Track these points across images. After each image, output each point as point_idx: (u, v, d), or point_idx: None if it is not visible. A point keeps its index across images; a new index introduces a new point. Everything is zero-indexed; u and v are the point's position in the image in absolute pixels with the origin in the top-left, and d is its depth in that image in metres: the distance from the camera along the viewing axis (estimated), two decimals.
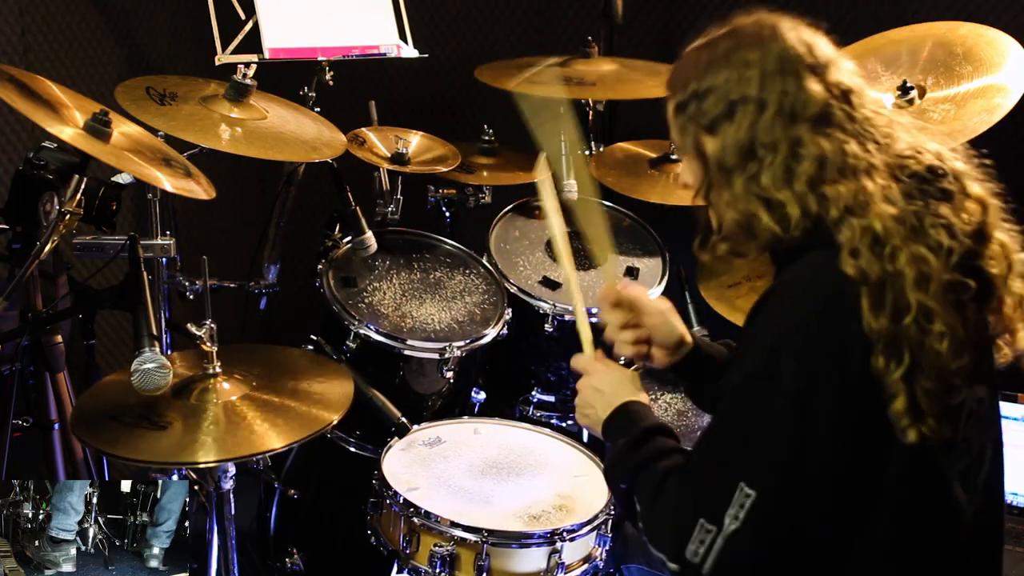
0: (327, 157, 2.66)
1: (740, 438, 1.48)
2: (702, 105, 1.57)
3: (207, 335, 2.16)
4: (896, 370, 1.43)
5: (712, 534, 1.47)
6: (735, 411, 1.52)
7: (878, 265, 1.45)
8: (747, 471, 1.46)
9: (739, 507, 1.46)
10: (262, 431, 2.07)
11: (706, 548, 1.47)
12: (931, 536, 1.54)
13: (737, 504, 1.46)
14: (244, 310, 3.25)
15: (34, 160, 2.24)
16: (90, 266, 2.88)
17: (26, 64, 3.11)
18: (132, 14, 3.46)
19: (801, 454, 1.45)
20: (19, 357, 2.34)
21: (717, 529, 1.47)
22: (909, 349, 1.43)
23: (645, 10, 3.70)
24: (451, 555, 2.20)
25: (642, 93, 3.08)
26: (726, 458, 1.50)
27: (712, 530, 1.47)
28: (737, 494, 1.46)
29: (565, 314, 2.89)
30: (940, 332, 1.45)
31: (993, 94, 2.60)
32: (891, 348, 1.43)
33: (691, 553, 1.48)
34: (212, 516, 2.29)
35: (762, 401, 1.47)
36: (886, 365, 1.43)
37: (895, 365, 1.43)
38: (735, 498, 1.46)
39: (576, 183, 3.17)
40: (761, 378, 1.48)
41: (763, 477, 1.46)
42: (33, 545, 2.01)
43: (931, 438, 1.45)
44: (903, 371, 1.43)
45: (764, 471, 1.46)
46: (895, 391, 1.43)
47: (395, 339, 2.68)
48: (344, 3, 3.11)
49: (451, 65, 3.72)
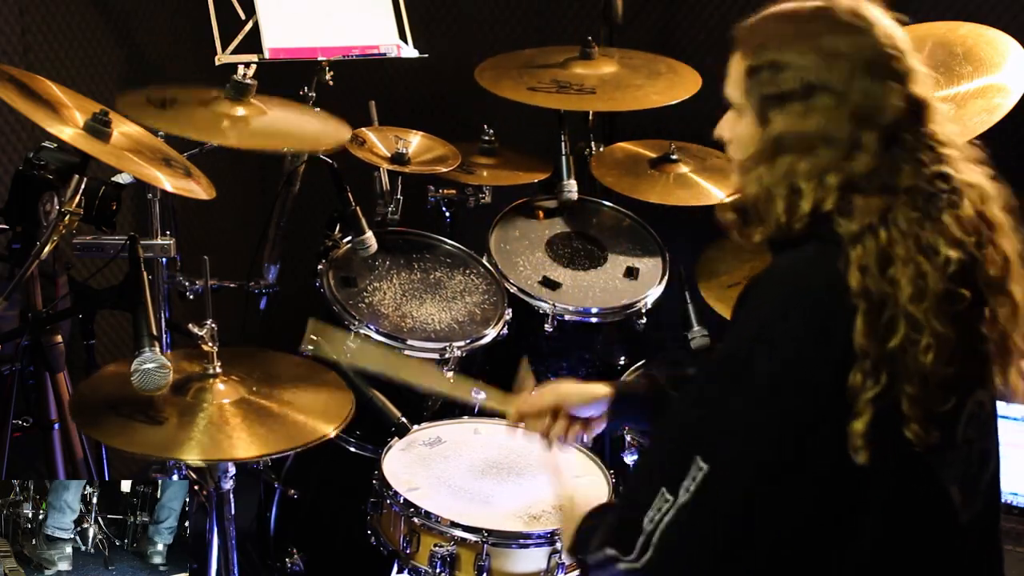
0: (331, 147, 2.65)
1: (703, 411, 1.48)
2: (777, 77, 1.51)
3: (208, 335, 2.16)
4: (870, 390, 1.41)
5: (669, 504, 1.46)
6: (705, 386, 1.52)
7: (881, 284, 1.43)
8: (703, 445, 1.46)
9: (691, 480, 1.45)
10: (250, 436, 2.07)
11: (660, 516, 1.46)
12: (924, 540, 1.52)
13: (691, 477, 1.45)
14: (244, 310, 3.25)
15: (34, 160, 2.24)
16: (90, 266, 2.87)
17: (26, 64, 3.11)
18: (132, 14, 3.46)
19: (760, 438, 1.44)
20: (19, 357, 2.34)
21: (673, 499, 1.46)
22: (889, 370, 1.42)
23: (645, 10, 3.70)
24: (451, 555, 2.20)
25: (643, 103, 3.07)
26: (688, 429, 1.50)
27: (669, 500, 1.46)
28: (692, 466, 1.45)
29: (565, 314, 2.89)
30: (927, 344, 1.43)
31: (993, 94, 2.60)
32: (873, 369, 1.42)
33: (648, 520, 1.47)
34: (212, 516, 2.29)
35: (732, 382, 1.46)
36: (862, 383, 1.42)
37: (871, 384, 1.41)
38: (690, 471, 1.45)
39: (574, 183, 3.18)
40: (736, 359, 1.47)
41: (717, 453, 1.45)
42: (30, 544, 2.01)
43: (917, 443, 1.43)
44: (875, 392, 1.41)
45: (719, 448, 1.45)
46: (860, 410, 1.41)
47: (395, 339, 2.68)
48: (344, 3, 3.11)
49: (451, 65, 3.71)
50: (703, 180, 3.12)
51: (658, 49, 3.40)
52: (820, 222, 1.49)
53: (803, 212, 1.49)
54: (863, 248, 1.44)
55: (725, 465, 1.44)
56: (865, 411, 1.41)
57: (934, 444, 1.45)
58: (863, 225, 1.46)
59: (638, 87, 3.14)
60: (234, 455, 2.06)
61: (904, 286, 1.43)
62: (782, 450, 1.44)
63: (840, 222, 1.47)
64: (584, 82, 3.16)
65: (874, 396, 1.41)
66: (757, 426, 1.44)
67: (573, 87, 3.14)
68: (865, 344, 1.42)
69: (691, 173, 3.14)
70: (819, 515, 1.48)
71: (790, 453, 1.44)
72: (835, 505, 1.48)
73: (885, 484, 1.46)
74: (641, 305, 2.96)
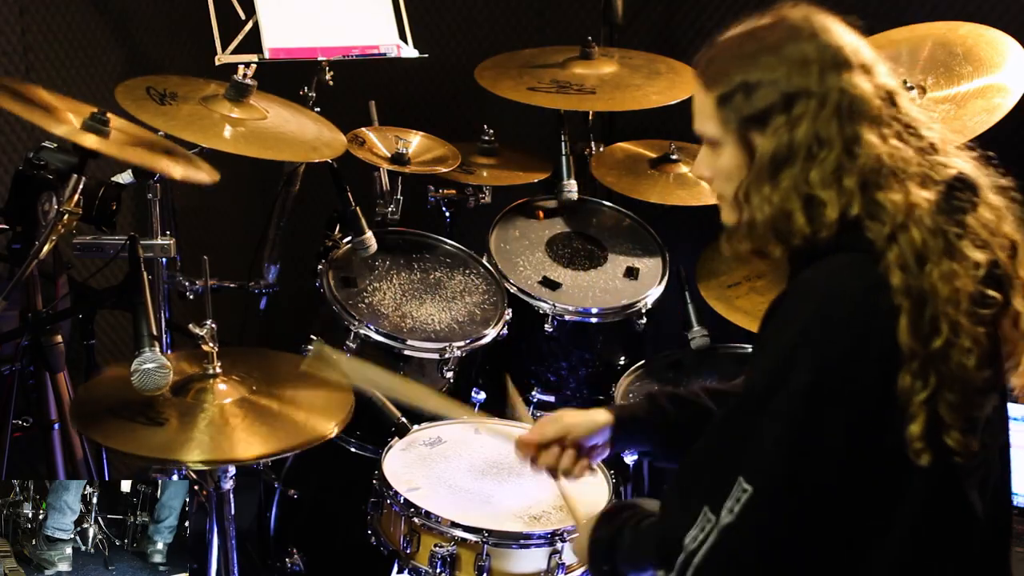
0: (327, 157, 2.66)
1: (744, 432, 1.46)
2: (751, 97, 1.50)
3: (208, 335, 2.16)
4: (921, 392, 1.41)
5: (711, 524, 1.45)
6: (744, 404, 1.50)
7: (921, 281, 1.43)
8: (746, 466, 1.44)
9: (735, 501, 1.43)
10: (250, 438, 2.07)
11: (703, 537, 1.46)
12: (949, 545, 1.52)
13: (734, 498, 1.44)
14: (244, 310, 3.25)
15: (34, 160, 2.24)
16: (90, 266, 2.87)
17: (26, 64, 3.12)
18: (132, 14, 3.46)
19: (803, 457, 1.43)
20: (19, 357, 2.34)
21: (716, 519, 1.45)
22: (936, 371, 1.41)
23: (645, 10, 3.70)
24: (451, 555, 2.20)
25: (642, 103, 3.07)
26: (728, 450, 1.48)
27: (712, 520, 1.45)
28: (735, 488, 1.44)
29: (565, 314, 2.89)
30: (967, 348, 1.43)
31: (993, 94, 2.60)
32: (921, 369, 1.41)
33: (690, 539, 1.47)
34: (212, 516, 2.28)
35: (771, 398, 1.44)
36: (912, 385, 1.41)
37: (920, 386, 1.41)
38: (733, 491, 1.44)
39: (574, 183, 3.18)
40: (774, 374, 1.45)
41: (760, 474, 1.43)
42: (30, 544, 2.01)
43: (958, 451, 1.43)
44: (927, 394, 1.41)
45: (762, 468, 1.44)
46: (915, 413, 1.41)
47: (395, 339, 2.68)
48: (344, 3, 3.11)
49: (451, 65, 3.72)
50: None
51: (658, 49, 3.40)
52: (849, 229, 1.47)
53: (831, 220, 1.47)
54: (899, 247, 1.44)
55: (769, 486, 1.43)
56: (919, 413, 1.41)
57: (970, 452, 1.44)
58: (895, 224, 1.45)
59: (638, 87, 3.14)
60: (235, 456, 2.05)
61: (941, 287, 1.43)
62: (826, 464, 1.43)
63: (871, 226, 1.46)
64: (584, 82, 3.16)
65: (926, 398, 1.41)
66: (800, 444, 1.42)
67: (573, 87, 3.14)
68: (911, 343, 1.41)
69: (691, 173, 3.14)
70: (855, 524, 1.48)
71: (834, 466, 1.44)
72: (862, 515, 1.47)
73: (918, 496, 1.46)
74: (641, 305, 2.96)
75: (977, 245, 1.48)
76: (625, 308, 2.95)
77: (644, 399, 1.90)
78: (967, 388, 1.43)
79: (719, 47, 1.58)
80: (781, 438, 1.43)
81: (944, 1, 3.19)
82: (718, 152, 1.57)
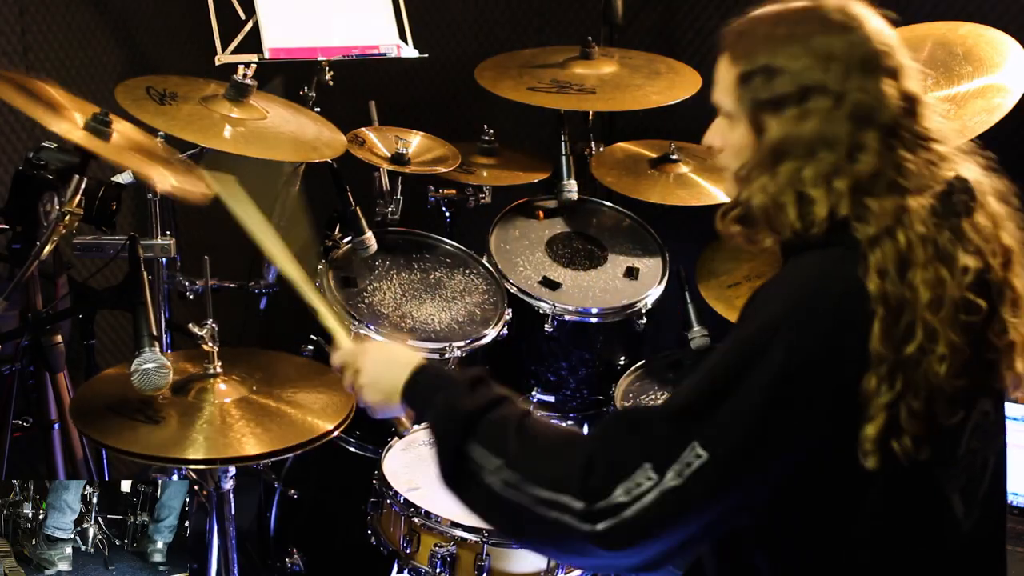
0: (327, 157, 2.66)
1: (710, 398, 1.42)
2: (772, 82, 1.48)
3: (208, 335, 2.16)
4: (884, 395, 1.40)
5: (652, 482, 1.39)
6: (715, 371, 1.45)
7: (900, 288, 1.42)
8: (705, 432, 1.40)
9: (685, 465, 1.39)
10: (253, 435, 2.07)
11: (639, 492, 1.39)
12: (925, 552, 1.51)
13: (684, 462, 1.39)
14: (244, 310, 3.25)
15: (34, 160, 2.24)
16: (90, 266, 2.88)
17: (26, 64, 3.12)
18: (132, 14, 3.46)
19: (765, 436, 1.40)
20: (19, 357, 2.34)
21: (658, 479, 1.39)
22: (904, 376, 1.40)
23: (645, 10, 3.70)
24: (451, 555, 2.20)
25: (642, 103, 3.07)
26: (691, 413, 1.43)
27: (654, 478, 1.39)
28: (687, 451, 1.39)
29: (565, 314, 2.89)
30: (941, 355, 1.42)
31: (993, 94, 2.60)
32: (889, 374, 1.40)
33: (622, 490, 1.40)
34: (212, 516, 2.29)
35: (744, 369, 1.41)
36: (876, 388, 1.40)
37: (886, 390, 1.40)
38: (684, 455, 1.39)
39: (574, 183, 3.18)
40: (750, 347, 1.43)
41: (719, 444, 1.39)
42: (30, 544, 2.01)
43: (902, 456, 1.41)
44: (890, 398, 1.40)
45: (723, 439, 1.40)
46: (873, 415, 1.40)
47: (395, 339, 2.68)
48: (344, 3, 3.11)
49: (451, 65, 3.72)
50: (703, 180, 3.12)
51: (658, 49, 3.40)
52: (838, 228, 1.47)
53: (820, 218, 1.46)
54: (882, 252, 1.43)
55: (727, 456, 1.39)
56: (878, 416, 1.40)
57: (929, 457, 1.43)
58: (880, 228, 1.44)
59: (638, 87, 3.14)
60: (239, 455, 2.05)
61: (923, 292, 1.42)
62: (786, 448, 1.42)
63: (858, 227, 1.45)
64: (584, 82, 3.16)
65: (889, 402, 1.40)
66: (766, 420, 1.40)
67: (573, 87, 3.14)
68: (882, 349, 1.40)
69: (691, 173, 3.14)
70: (816, 518, 1.47)
71: (794, 452, 1.42)
72: (833, 508, 1.46)
73: (882, 492, 1.45)
74: (641, 305, 2.96)
75: (968, 251, 1.47)
76: (625, 308, 2.95)
77: (469, 377, 1.63)
78: (933, 396, 1.42)
79: (751, 22, 1.55)
80: (747, 413, 1.40)
81: (944, 1, 3.19)
82: (732, 126, 1.56)
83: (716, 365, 1.45)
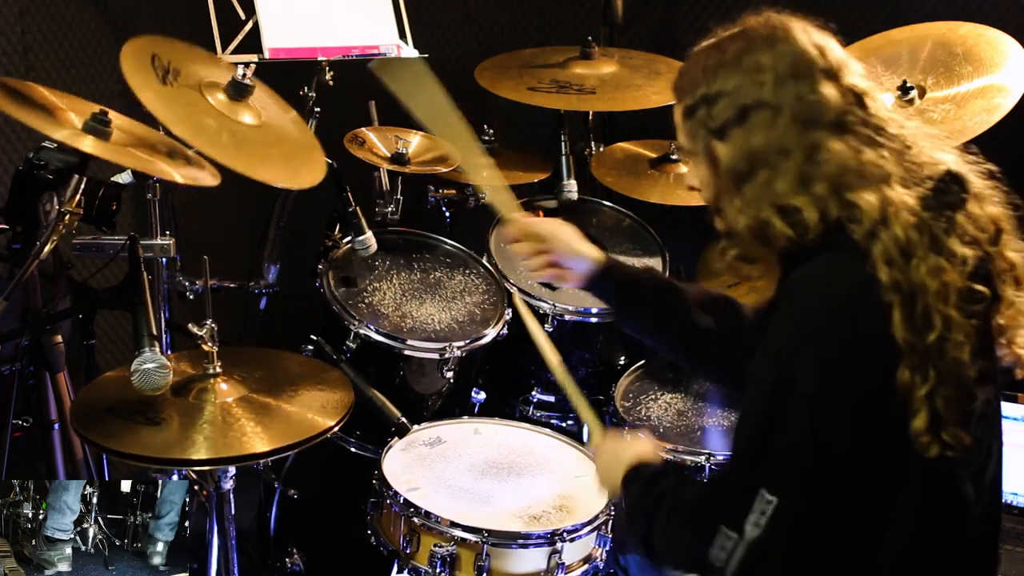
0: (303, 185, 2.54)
1: (759, 444, 1.47)
2: (712, 110, 1.53)
3: (208, 335, 2.16)
4: (922, 386, 1.42)
5: (733, 541, 1.46)
6: (753, 417, 1.50)
7: (908, 275, 1.43)
8: (767, 477, 1.45)
9: (760, 514, 1.44)
10: (254, 434, 2.06)
11: (727, 554, 1.47)
12: (945, 537, 1.54)
13: (758, 511, 1.45)
14: (244, 310, 3.25)
15: (34, 160, 2.24)
16: (90, 266, 2.87)
17: (26, 64, 3.11)
18: (132, 14, 3.46)
19: (819, 458, 1.44)
20: (19, 357, 2.34)
21: (738, 536, 1.46)
22: (934, 365, 1.42)
23: (645, 10, 3.70)
24: (451, 555, 2.20)
25: (642, 103, 3.07)
26: (746, 464, 1.49)
27: (733, 537, 1.46)
28: (758, 501, 1.45)
29: (565, 314, 2.89)
30: (960, 342, 1.44)
31: (993, 94, 2.60)
32: (920, 364, 1.42)
33: (715, 559, 1.48)
34: (212, 516, 2.28)
35: (779, 406, 1.45)
36: (911, 380, 1.42)
37: (921, 381, 1.42)
38: (756, 504, 1.45)
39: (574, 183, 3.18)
40: (778, 382, 1.46)
41: (783, 482, 1.44)
42: (30, 544, 2.01)
43: (953, 446, 1.44)
44: (928, 388, 1.42)
45: (784, 476, 1.45)
46: (917, 407, 1.42)
47: (395, 339, 2.68)
48: (344, 3, 3.11)
49: (451, 65, 3.72)
50: None
51: (658, 49, 3.40)
52: (835, 230, 1.48)
53: (813, 222, 1.48)
54: (882, 243, 1.45)
55: (793, 493, 1.44)
56: (922, 407, 1.42)
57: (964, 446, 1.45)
58: (872, 222, 1.46)
59: (638, 87, 3.14)
60: (243, 453, 2.04)
61: (929, 281, 1.44)
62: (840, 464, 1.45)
63: (854, 228, 1.47)
64: (584, 82, 3.16)
65: (927, 392, 1.42)
66: (814, 447, 1.44)
67: (573, 87, 3.15)
68: (907, 336, 1.42)
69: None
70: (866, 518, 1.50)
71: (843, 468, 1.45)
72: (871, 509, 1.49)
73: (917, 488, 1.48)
74: None
75: (965, 242, 1.49)
76: None
77: (646, 271, 1.96)
78: (962, 382, 1.45)
79: (689, 61, 1.61)
80: (795, 445, 1.44)
81: (944, 1, 3.19)
82: (697, 164, 1.61)
83: (752, 409, 1.51)
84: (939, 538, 1.53)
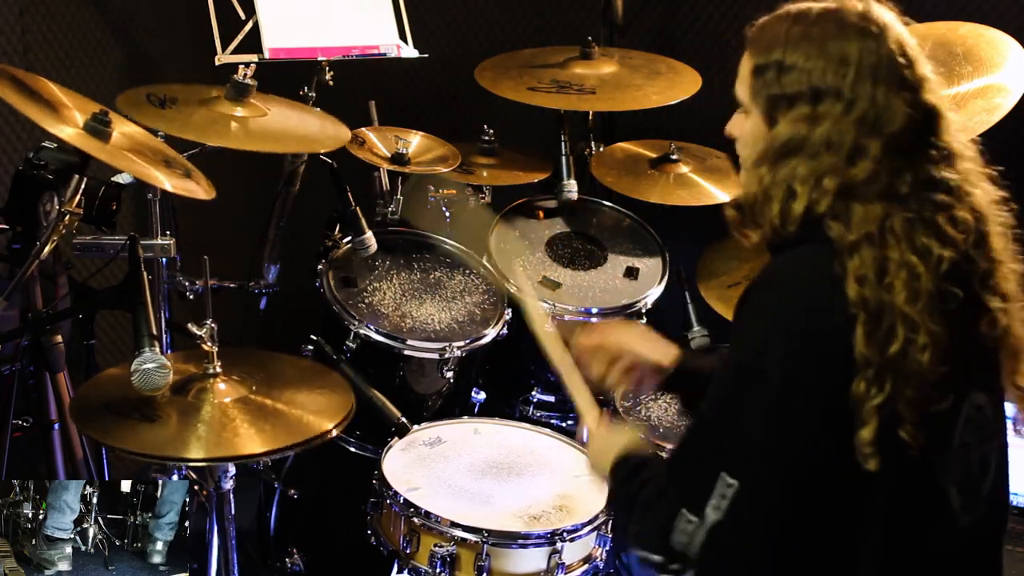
0: (331, 148, 2.65)
1: (724, 428, 1.47)
2: (783, 78, 1.49)
3: (208, 335, 2.16)
4: (875, 398, 1.41)
5: (694, 525, 1.46)
6: (721, 402, 1.50)
7: (879, 293, 1.43)
8: (729, 461, 1.45)
9: (720, 497, 1.44)
10: (247, 435, 2.06)
11: (689, 538, 1.46)
12: (923, 543, 1.52)
13: (718, 495, 1.44)
14: (244, 310, 3.25)
15: (34, 160, 2.24)
16: (90, 266, 2.87)
17: (26, 64, 3.12)
18: (132, 14, 3.47)
19: (784, 447, 1.44)
20: (19, 357, 2.34)
21: (699, 520, 1.46)
22: (892, 375, 1.41)
23: (645, 10, 3.70)
24: (451, 555, 2.20)
25: (642, 103, 3.07)
26: (709, 448, 1.49)
27: (695, 521, 1.46)
28: (719, 484, 1.44)
29: (565, 314, 2.89)
30: (923, 344, 1.43)
31: (993, 94, 2.60)
32: (876, 377, 1.41)
33: (676, 544, 1.48)
34: (212, 516, 2.28)
35: (747, 393, 1.45)
36: (866, 391, 1.41)
37: (875, 392, 1.41)
38: (716, 488, 1.44)
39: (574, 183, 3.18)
40: (747, 370, 1.46)
41: (745, 467, 1.44)
42: (30, 544, 2.01)
43: (911, 444, 1.43)
44: (881, 400, 1.41)
45: (747, 461, 1.44)
46: (867, 418, 1.41)
47: (395, 339, 2.68)
48: (344, 3, 3.11)
49: (451, 65, 3.72)
50: (703, 180, 3.12)
51: (658, 49, 3.40)
52: (811, 224, 1.48)
53: (796, 214, 1.48)
54: (860, 259, 1.44)
55: (755, 478, 1.44)
56: (871, 419, 1.41)
57: (926, 446, 1.44)
58: (861, 235, 1.45)
59: (638, 87, 3.13)
60: (237, 453, 2.05)
61: (899, 290, 1.43)
62: (801, 455, 1.44)
63: (831, 226, 1.46)
64: (584, 82, 3.15)
65: (880, 403, 1.41)
66: (778, 434, 1.44)
67: (573, 87, 3.14)
68: (867, 353, 1.41)
69: (691, 173, 3.14)
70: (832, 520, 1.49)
71: (807, 458, 1.44)
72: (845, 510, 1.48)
73: (889, 488, 1.46)
74: (641, 305, 2.96)
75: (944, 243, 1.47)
76: (625, 308, 2.95)
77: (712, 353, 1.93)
78: (923, 383, 1.43)
79: (773, 19, 1.56)
80: (760, 432, 1.44)
81: (944, 1, 3.19)
82: (747, 117, 1.58)
83: (720, 394, 1.50)
84: (916, 544, 1.51)
